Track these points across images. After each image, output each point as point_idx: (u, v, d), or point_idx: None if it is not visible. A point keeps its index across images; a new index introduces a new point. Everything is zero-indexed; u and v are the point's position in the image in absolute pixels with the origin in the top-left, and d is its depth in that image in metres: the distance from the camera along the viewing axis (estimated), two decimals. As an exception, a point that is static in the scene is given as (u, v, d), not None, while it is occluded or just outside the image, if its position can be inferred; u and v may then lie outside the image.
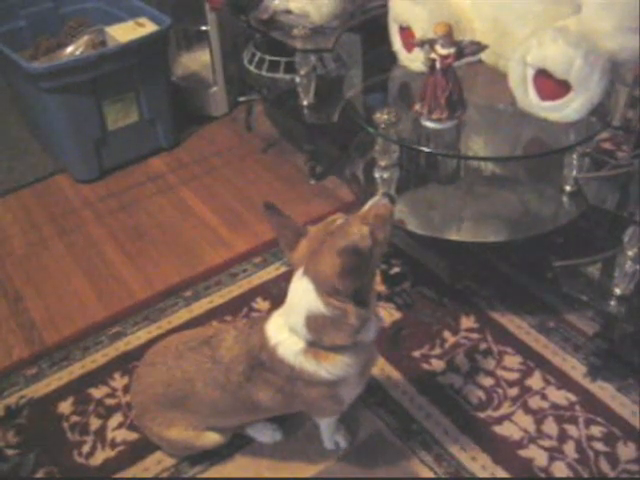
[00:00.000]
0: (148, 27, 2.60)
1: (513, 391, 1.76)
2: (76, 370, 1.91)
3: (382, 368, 1.84)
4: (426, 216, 1.90)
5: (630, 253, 1.59)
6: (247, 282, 2.16)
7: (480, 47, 1.72)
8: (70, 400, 1.83)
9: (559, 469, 1.58)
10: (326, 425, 1.60)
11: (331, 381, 1.37)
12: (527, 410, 1.71)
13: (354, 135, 2.15)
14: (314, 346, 1.33)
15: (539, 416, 1.70)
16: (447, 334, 1.93)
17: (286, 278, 1.41)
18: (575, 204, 1.87)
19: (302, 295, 1.29)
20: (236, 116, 3.04)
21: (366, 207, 1.33)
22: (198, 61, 3.10)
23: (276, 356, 1.37)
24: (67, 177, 2.74)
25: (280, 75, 2.59)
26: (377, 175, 1.85)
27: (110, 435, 1.74)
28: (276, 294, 2.09)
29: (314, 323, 1.29)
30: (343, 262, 1.21)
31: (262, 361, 1.40)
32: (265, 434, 1.68)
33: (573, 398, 1.73)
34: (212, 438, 1.59)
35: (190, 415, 1.54)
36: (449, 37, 1.65)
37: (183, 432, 1.56)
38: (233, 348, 1.45)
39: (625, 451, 1.61)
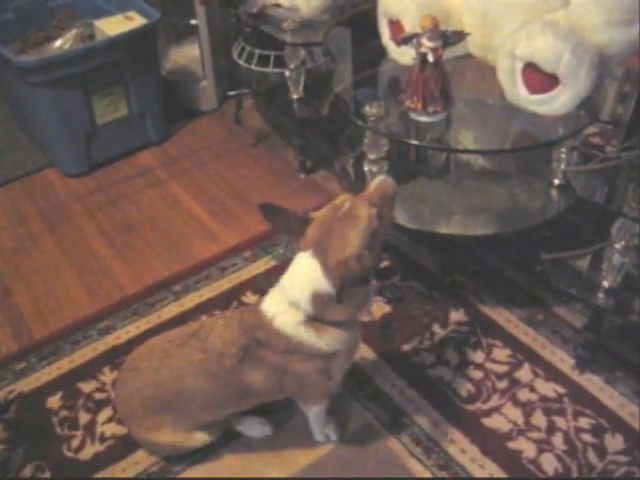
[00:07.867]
0: (137, 21, 2.59)
1: (502, 384, 1.77)
2: (65, 364, 1.91)
3: (372, 361, 1.84)
4: (416, 210, 1.90)
5: (618, 246, 1.59)
6: (237, 276, 2.16)
7: (462, 35, 1.74)
8: (59, 394, 1.82)
9: (547, 460, 1.59)
10: (315, 416, 1.59)
11: (328, 354, 1.40)
12: (516, 402, 1.72)
13: (344, 129, 2.15)
14: (314, 319, 1.36)
15: (528, 408, 1.71)
16: (437, 327, 1.93)
17: (276, 272, 1.42)
18: (564, 197, 1.88)
19: (308, 274, 1.33)
20: (226, 110, 3.04)
21: (371, 187, 1.39)
22: (187, 55, 3.09)
23: (273, 329, 1.38)
24: (56, 171, 2.73)
25: (270, 69, 2.58)
26: (366, 169, 1.86)
27: (99, 429, 1.73)
28: (266, 288, 2.07)
29: (320, 300, 1.33)
30: (345, 272, 1.26)
31: (257, 339, 1.41)
32: (254, 429, 1.67)
33: (561, 390, 1.74)
34: (201, 438, 1.58)
35: (179, 415, 1.53)
36: (436, 30, 1.65)
37: (171, 435, 1.56)
38: (224, 334, 1.45)
39: (612, 442, 1.62)
